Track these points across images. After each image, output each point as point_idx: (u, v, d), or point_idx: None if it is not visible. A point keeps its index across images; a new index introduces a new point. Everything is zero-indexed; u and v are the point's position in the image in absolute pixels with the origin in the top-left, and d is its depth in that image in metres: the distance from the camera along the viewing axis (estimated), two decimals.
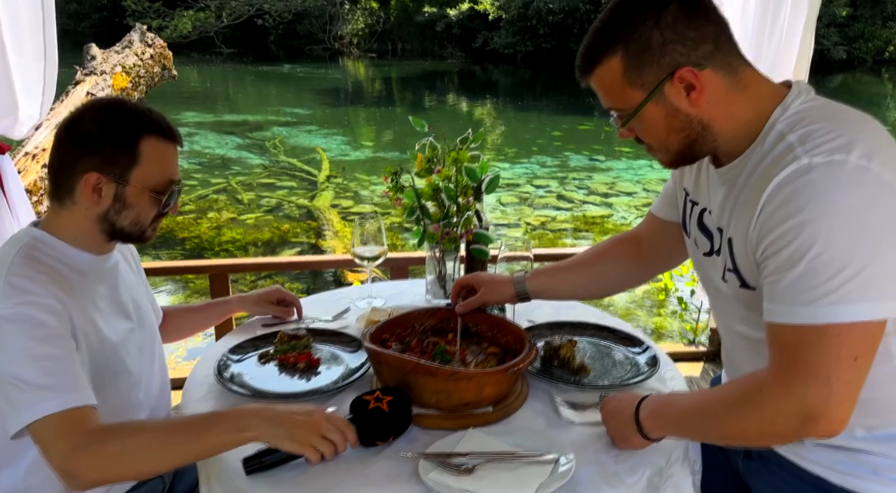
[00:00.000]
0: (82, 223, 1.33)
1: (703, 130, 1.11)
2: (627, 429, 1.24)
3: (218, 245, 6.15)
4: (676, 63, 1.05)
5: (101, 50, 4.49)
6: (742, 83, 1.09)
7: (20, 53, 2.37)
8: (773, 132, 1.07)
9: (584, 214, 7.36)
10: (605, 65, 1.10)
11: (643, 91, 1.09)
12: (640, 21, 1.06)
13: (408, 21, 25.66)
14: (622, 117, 1.14)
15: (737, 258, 1.14)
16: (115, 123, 1.30)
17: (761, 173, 1.06)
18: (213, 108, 14.48)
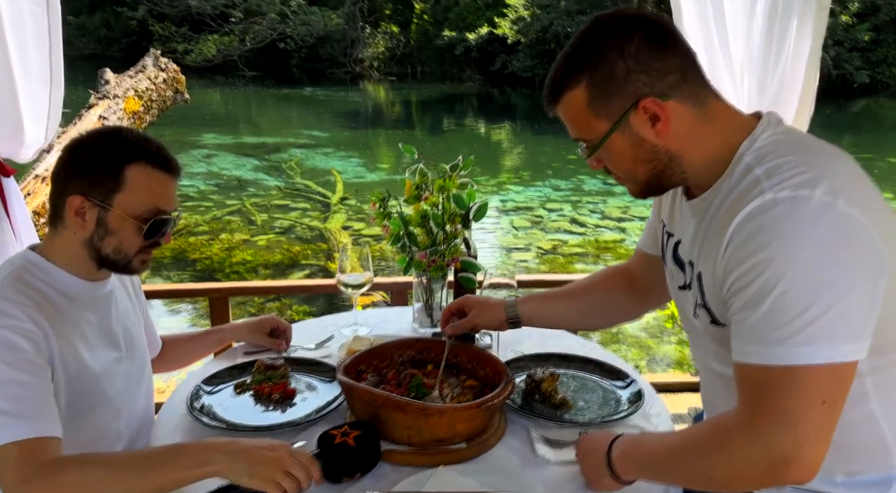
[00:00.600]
0: (72, 248, 1.33)
1: (671, 161, 1.10)
2: (600, 470, 1.20)
3: (228, 267, 6.18)
4: (640, 93, 1.04)
5: (114, 74, 4.57)
6: (710, 115, 1.08)
7: (27, 76, 2.40)
8: (740, 165, 1.05)
9: (596, 239, 7.28)
10: (570, 94, 1.09)
11: (608, 121, 1.08)
12: (604, 50, 1.05)
13: (427, 45, 25.94)
14: (589, 148, 1.13)
15: (706, 294, 1.11)
16: (106, 150, 1.31)
17: (729, 206, 1.04)
18: (233, 130, 14.69)
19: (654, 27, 1.06)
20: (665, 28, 1.07)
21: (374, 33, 26.38)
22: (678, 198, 1.24)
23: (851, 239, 0.92)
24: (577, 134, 1.14)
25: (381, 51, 26.21)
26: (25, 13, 2.36)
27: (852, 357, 0.92)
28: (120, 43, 26.35)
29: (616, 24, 1.07)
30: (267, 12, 24.56)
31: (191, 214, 7.91)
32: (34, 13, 2.39)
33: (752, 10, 2.72)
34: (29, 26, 2.37)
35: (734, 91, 2.77)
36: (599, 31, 1.08)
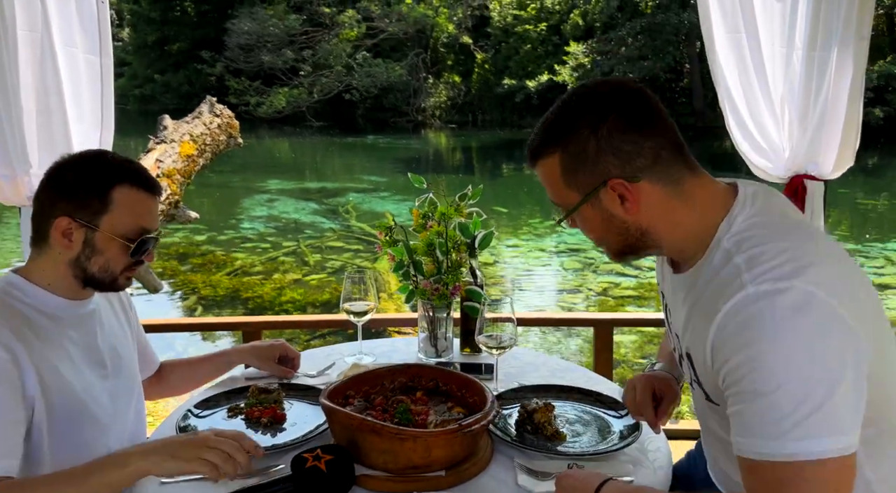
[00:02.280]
0: (56, 268, 1.37)
1: (643, 235, 1.11)
2: None
3: (278, 305, 6.32)
4: (609, 174, 1.06)
5: (172, 120, 4.85)
6: (685, 194, 1.08)
7: (80, 120, 2.55)
8: (719, 250, 1.05)
9: (649, 281, 7.07)
10: (545, 162, 1.12)
11: (579, 194, 1.10)
12: (578, 127, 1.07)
13: (488, 93, 26.40)
14: (561, 212, 1.15)
15: (698, 372, 1.11)
16: (90, 172, 1.36)
17: (712, 294, 1.04)
18: (297, 176, 15.24)
19: (631, 107, 1.07)
20: (642, 108, 1.07)
21: (436, 83, 27.10)
22: (665, 264, 1.23)
23: (833, 331, 0.93)
24: (552, 198, 1.16)
25: (443, 100, 26.84)
26: (80, 61, 2.53)
27: (852, 447, 0.93)
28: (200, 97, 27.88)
29: (594, 101, 1.08)
30: (334, 65, 25.66)
31: (248, 254, 8.18)
32: (89, 61, 2.55)
33: (791, 42, 2.65)
34: (84, 73, 2.53)
35: (775, 126, 2.68)
36: (577, 105, 1.09)
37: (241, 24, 26.05)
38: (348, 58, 25.83)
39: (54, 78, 2.43)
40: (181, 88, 29.53)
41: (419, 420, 1.38)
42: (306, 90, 25.57)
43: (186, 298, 6.46)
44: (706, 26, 2.67)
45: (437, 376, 1.54)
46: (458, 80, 27.11)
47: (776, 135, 2.69)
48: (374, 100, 26.38)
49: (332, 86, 25.63)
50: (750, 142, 2.74)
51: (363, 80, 25.50)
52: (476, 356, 1.92)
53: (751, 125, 2.73)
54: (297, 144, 22.52)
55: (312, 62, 25.81)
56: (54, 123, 2.44)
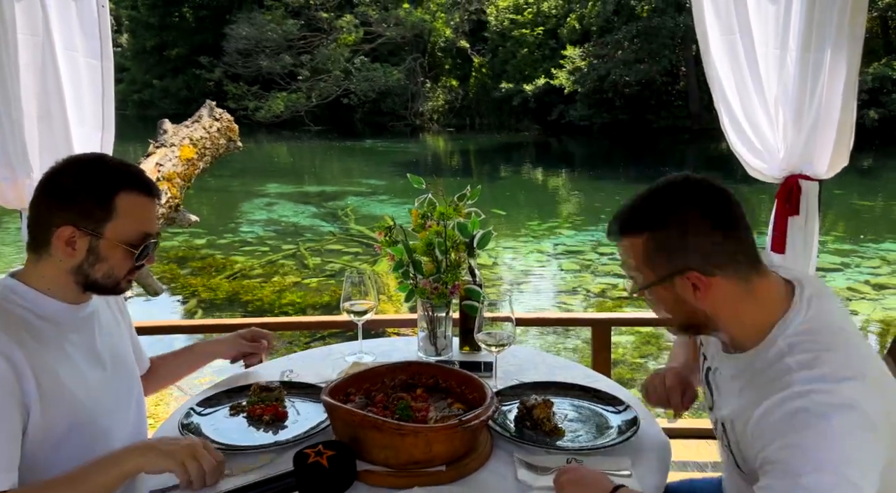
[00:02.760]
0: (57, 275, 1.35)
1: (707, 321, 1.20)
2: None
3: (278, 307, 6.33)
4: (688, 266, 1.15)
5: (172, 124, 4.86)
6: (751, 293, 1.18)
7: (81, 123, 2.57)
8: (774, 347, 1.15)
9: None
10: (630, 240, 1.21)
11: (656, 276, 1.19)
12: (667, 220, 1.17)
13: (486, 97, 26.46)
14: (634, 285, 1.25)
15: (731, 441, 1.22)
16: (92, 178, 1.33)
17: (761, 383, 1.14)
18: (295, 180, 15.26)
19: (718, 209, 1.17)
20: (727, 212, 1.17)
21: (433, 87, 27.16)
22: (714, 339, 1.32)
23: (867, 437, 1.03)
24: (628, 271, 1.25)
25: (441, 103, 26.90)
26: (81, 65, 2.54)
27: None
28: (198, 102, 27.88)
29: (685, 196, 1.19)
30: (332, 70, 25.72)
31: (248, 258, 8.20)
32: (90, 65, 2.56)
33: (785, 43, 2.67)
34: (84, 77, 2.55)
35: (769, 127, 2.69)
36: (670, 196, 1.20)
37: (240, 30, 26.11)
38: (346, 62, 25.89)
39: (55, 81, 2.44)
40: (180, 94, 29.58)
41: (419, 417, 1.40)
42: (304, 95, 25.61)
43: (186, 301, 6.47)
44: (700, 28, 2.69)
45: (436, 373, 1.55)
46: (455, 85, 27.17)
47: (771, 136, 2.71)
48: (372, 104, 26.43)
49: (331, 90, 25.68)
50: (745, 143, 2.76)
51: (361, 85, 25.55)
52: (475, 355, 1.94)
53: (746, 126, 2.74)
54: (295, 148, 22.55)
55: (310, 67, 25.86)
56: (55, 127, 2.46)
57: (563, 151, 22.17)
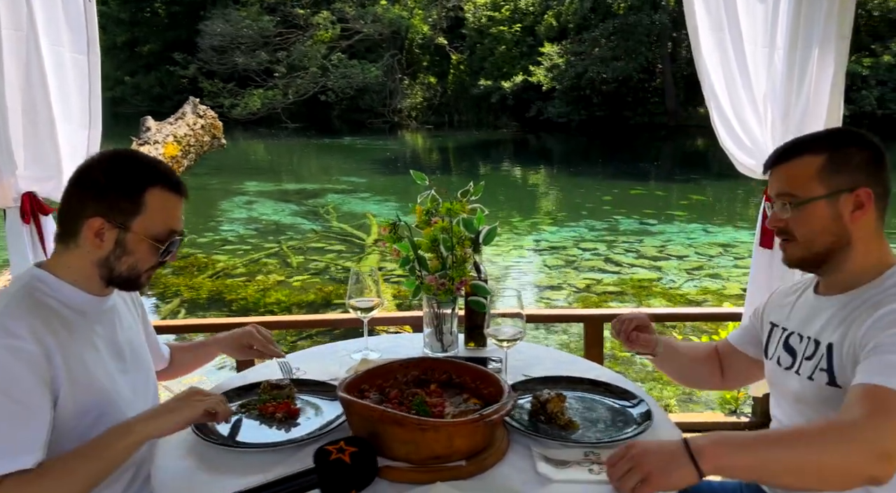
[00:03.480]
0: (83, 266, 1.38)
1: (846, 246, 1.37)
2: (675, 463, 1.14)
3: (263, 306, 6.28)
4: (860, 183, 1.35)
5: (155, 122, 4.79)
6: (880, 233, 1.39)
7: (67, 119, 2.51)
8: (890, 280, 1.35)
9: (631, 278, 7.18)
10: (807, 157, 1.37)
11: (825, 189, 1.35)
12: (848, 144, 1.38)
13: (464, 94, 26.49)
14: (794, 202, 1.37)
15: (834, 359, 1.36)
16: (123, 173, 1.37)
17: (875, 303, 1.31)
18: (274, 178, 15.13)
19: (879, 149, 1.39)
20: (884, 155, 1.39)
21: (411, 84, 27.11)
22: (805, 302, 1.52)
23: None
24: (790, 188, 1.38)
25: (419, 101, 26.86)
26: (67, 60, 2.49)
27: None
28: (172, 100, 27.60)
29: (858, 134, 1.40)
30: (309, 67, 25.53)
31: (230, 257, 8.11)
32: (76, 60, 2.51)
33: (773, 41, 2.71)
34: (70, 72, 2.49)
35: (757, 124, 2.73)
36: (846, 131, 1.43)
37: (214, 26, 25.79)
38: (323, 59, 25.71)
39: (40, 77, 2.38)
40: (152, 91, 29.13)
41: (436, 412, 1.40)
42: (281, 92, 25.40)
43: (169, 301, 6.38)
44: (691, 24, 2.72)
45: (449, 368, 1.56)
46: (433, 82, 27.15)
47: (759, 132, 2.75)
48: (349, 101, 26.30)
49: (308, 87, 25.49)
50: (734, 139, 2.80)
51: (339, 82, 25.41)
52: (481, 350, 1.94)
53: (735, 123, 2.78)
54: (272, 145, 22.35)
55: (287, 64, 25.65)
56: (40, 123, 2.40)
57: (542, 148, 22.30)
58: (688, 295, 6.49)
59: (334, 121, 26.77)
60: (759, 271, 2.78)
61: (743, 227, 9.51)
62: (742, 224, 9.77)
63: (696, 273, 7.28)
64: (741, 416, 3.21)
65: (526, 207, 11.85)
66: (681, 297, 6.40)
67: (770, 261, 2.75)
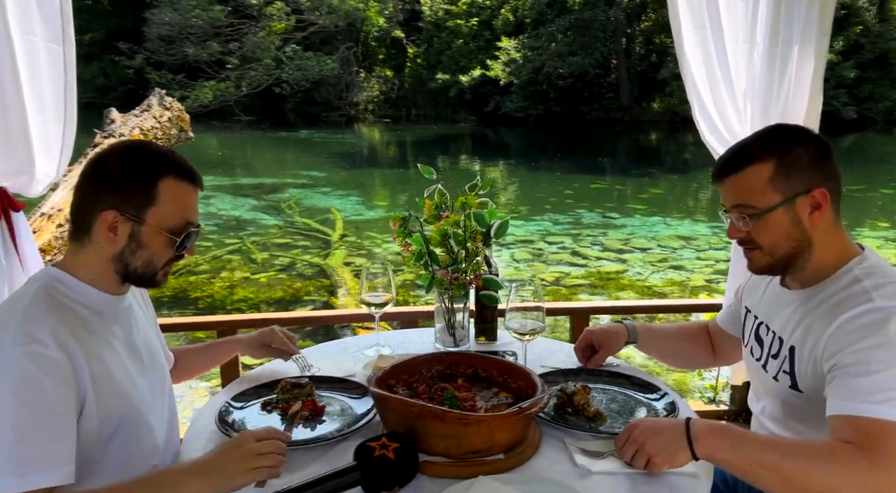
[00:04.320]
0: (98, 263, 1.32)
1: (807, 248, 1.36)
2: (675, 445, 1.24)
3: (230, 304, 6.14)
4: (814, 184, 1.33)
5: (120, 114, 4.62)
6: (840, 229, 1.38)
7: (40, 112, 2.39)
8: (849, 275, 1.34)
9: (598, 270, 7.30)
10: (756, 166, 1.34)
11: (780, 196, 1.33)
12: (791, 145, 1.34)
13: (421, 87, 26.40)
14: (751, 214, 1.35)
15: (796, 364, 1.37)
16: (136, 164, 1.31)
17: (834, 303, 1.31)
18: (230, 172, 14.79)
19: (822, 142, 1.37)
20: (827, 146, 1.37)
21: (368, 77, 26.87)
22: (769, 288, 1.53)
23: None
24: (745, 200, 1.36)
25: (376, 94, 26.65)
26: (41, 49, 2.36)
27: None
28: (116, 91, 26.62)
29: (798, 131, 1.39)
30: (262, 58, 25.01)
31: None
32: (50, 49, 2.39)
33: (752, 38, 2.78)
34: (44, 62, 2.37)
35: (737, 119, 2.80)
36: (786, 130, 1.40)
37: (162, 15, 24.96)
38: (277, 51, 25.23)
39: (11, 67, 2.26)
40: (96, 81, 28.01)
41: (467, 406, 1.39)
42: (234, 84, 24.81)
43: None
44: (675, 22, 2.77)
45: (475, 362, 1.55)
46: (390, 75, 26.97)
47: (739, 127, 2.83)
48: (304, 94, 25.90)
49: (261, 79, 24.98)
50: (715, 134, 2.86)
51: (294, 74, 24.98)
52: (492, 345, 1.95)
53: (716, 118, 2.84)
54: (225, 138, 21.82)
55: (240, 55, 25.07)
56: (11, 115, 2.27)
57: (500, 143, 22.42)
58: (655, 287, 6.64)
59: (289, 114, 26.31)
60: (738, 261, 2.86)
61: (701, 220, 9.77)
62: (700, 217, 10.04)
63: (660, 265, 7.45)
64: (720, 404, 3.31)
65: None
66: (648, 289, 6.55)
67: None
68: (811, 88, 2.68)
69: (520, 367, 1.49)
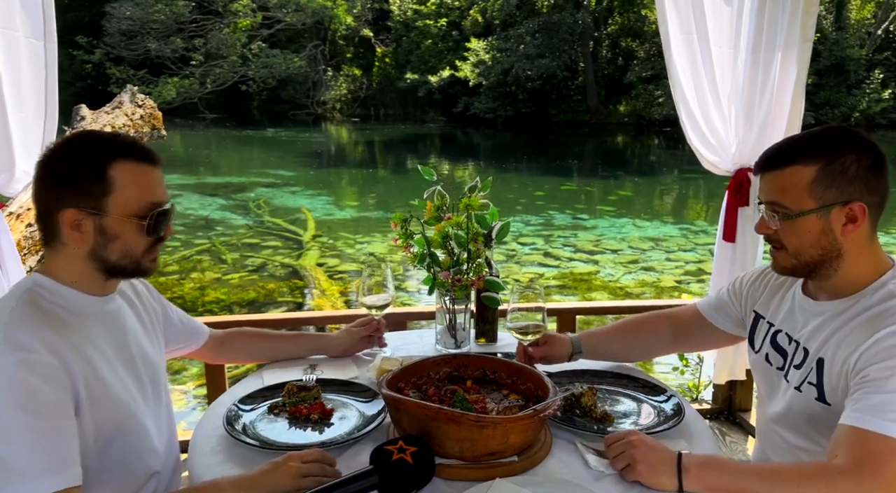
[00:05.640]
0: (76, 264, 1.27)
1: (836, 259, 1.33)
2: (663, 466, 1.24)
3: (202, 305, 6.03)
4: (854, 196, 1.29)
5: (90, 110, 4.50)
6: (874, 242, 1.35)
7: (20, 109, 2.33)
8: (883, 290, 1.31)
9: (571, 271, 7.37)
10: (799, 167, 1.30)
11: (816, 203, 1.30)
12: (844, 151, 1.29)
13: (390, 87, 26.33)
14: (784, 214, 1.33)
15: (824, 377, 1.34)
16: (81, 155, 1.26)
17: (869, 318, 1.29)
18: (195, 170, 14.52)
19: (878, 153, 1.31)
20: (882, 158, 1.32)
21: (336, 76, 26.67)
22: (789, 296, 1.50)
23: None
24: (780, 199, 1.33)
25: (344, 93, 26.47)
26: (21, 44, 2.31)
27: None
28: (74, 86, 25.85)
29: (856, 137, 1.33)
30: (228, 55, 24.62)
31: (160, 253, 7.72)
32: (31, 45, 2.34)
33: (737, 44, 2.83)
34: (24, 58, 2.32)
35: (722, 123, 2.86)
36: (842, 135, 1.33)
37: (122, 9, 24.33)
38: (243, 48, 24.85)
39: None
40: None
41: (478, 408, 1.39)
42: (198, 80, 24.34)
43: None
44: (663, 27, 2.81)
45: (483, 364, 1.55)
46: (358, 74, 26.83)
47: (723, 131, 2.89)
48: (270, 92, 25.60)
49: (227, 76, 24.58)
50: (700, 137, 2.92)
51: (260, 71, 24.65)
52: (491, 346, 1.95)
53: (701, 122, 2.90)
54: (189, 136, 21.40)
55: (204, 51, 24.62)
56: None
57: (469, 143, 22.49)
58: (627, 288, 6.74)
59: (254, 112, 25.98)
60: (722, 263, 2.93)
61: (668, 222, 9.96)
62: (667, 219, 10.23)
63: (631, 266, 7.56)
64: (703, 403, 3.37)
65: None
66: (621, 290, 6.64)
67: (733, 254, 2.90)
68: (794, 94, 2.75)
69: (528, 369, 1.50)
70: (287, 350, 1.80)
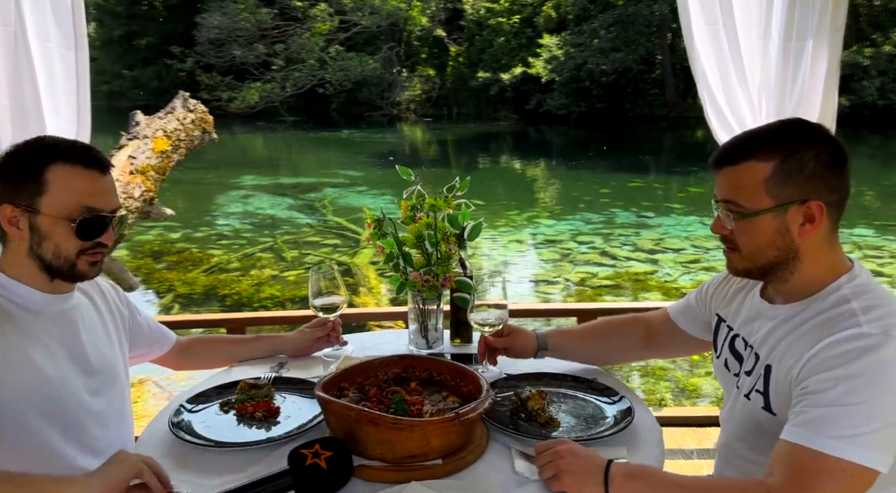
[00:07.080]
0: (21, 260, 1.35)
1: (793, 260, 1.26)
2: (590, 476, 1.21)
3: (257, 301, 6.26)
4: (813, 194, 1.21)
5: (145, 116, 4.75)
6: (835, 244, 1.27)
7: (56, 117, 2.48)
8: (836, 294, 1.23)
9: (626, 271, 7.16)
10: (754, 163, 1.22)
11: (773, 201, 1.22)
12: (802, 147, 1.21)
13: (463, 86, 26.39)
14: (738, 213, 1.25)
15: (770, 384, 1.27)
16: (24, 154, 1.34)
17: (818, 324, 1.21)
18: (271, 172, 15.09)
19: (838, 149, 1.23)
20: (843, 154, 1.24)
21: (410, 77, 27.00)
22: (747, 300, 1.42)
23: None
24: (734, 197, 1.25)
25: (418, 93, 26.76)
26: (55, 55, 2.46)
27: (884, 468, 1.09)
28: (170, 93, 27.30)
29: (815, 132, 1.25)
30: (307, 59, 25.41)
31: (224, 251, 8.09)
32: (64, 56, 2.48)
33: (767, 32, 2.68)
34: (58, 68, 2.46)
35: (752, 116, 2.70)
36: (799, 129, 1.25)
37: (211, 19, 25.62)
38: (321, 52, 25.59)
39: (29, 73, 2.36)
40: (150, 84, 28.99)
41: (414, 410, 1.38)
42: (279, 85, 25.28)
43: (162, 296, 6.37)
44: (685, 18, 2.69)
45: (430, 366, 1.54)
46: (432, 74, 27.04)
47: (752, 125, 2.73)
48: (347, 94, 26.21)
49: (305, 80, 25.39)
50: (727, 131, 2.77)
51: (336, 74, 25.30)
52: (467, 347, 1.93)
53: (728, 115, 2.75)
54: (270, 139, 22.28)
55: (285, 56, 25.52)
56: (30, 120, 2.36)
57: (541, 141, 22.24)
58: (683, 289, 6.48)
59: (332, 114, 26.68)
60: None
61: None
62: None
63: (691, 266, 7.27)
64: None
65: (524, 200, 11.82)
66: (676, 290, 6.39)
67: None
68: (825, 84, 2.59)
69: (469, 371, 1.47)
70: (246, 353, 1.83)
